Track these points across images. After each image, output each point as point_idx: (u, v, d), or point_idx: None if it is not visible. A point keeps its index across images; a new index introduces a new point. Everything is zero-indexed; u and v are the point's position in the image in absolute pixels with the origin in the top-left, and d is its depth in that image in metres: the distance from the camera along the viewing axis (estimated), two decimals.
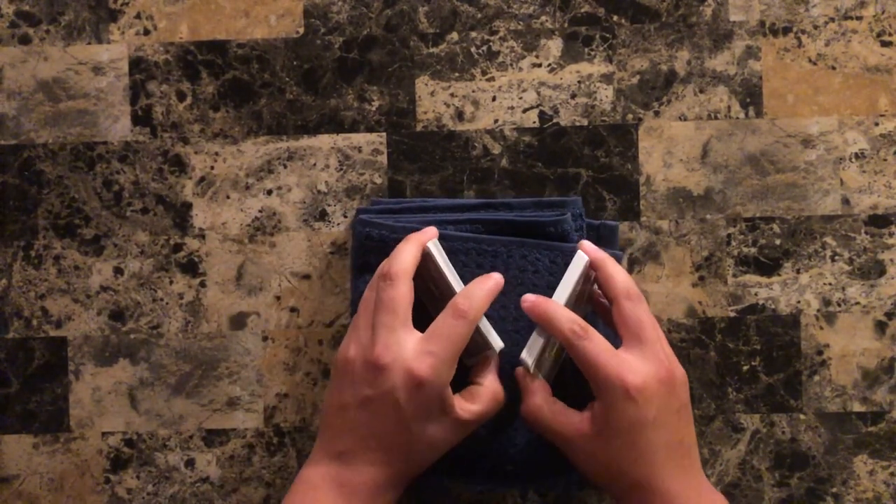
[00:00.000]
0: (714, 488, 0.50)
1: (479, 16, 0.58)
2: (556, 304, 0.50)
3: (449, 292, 0.50)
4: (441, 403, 0.47)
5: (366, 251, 0.54)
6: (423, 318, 0.49)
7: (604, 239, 0.55)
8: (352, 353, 0.48)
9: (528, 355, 0.50)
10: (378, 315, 0.48)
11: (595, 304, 0.53)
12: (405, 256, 0.49)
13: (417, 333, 0.48)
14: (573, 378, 0.52)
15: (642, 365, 0.47)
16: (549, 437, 0.50)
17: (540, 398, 0.50)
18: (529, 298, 0.50)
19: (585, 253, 0.51)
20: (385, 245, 0.53)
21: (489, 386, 0.50)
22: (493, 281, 0.50)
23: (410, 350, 0.47)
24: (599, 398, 0.48)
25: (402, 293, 0.48)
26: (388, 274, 0.48)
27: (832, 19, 0.57)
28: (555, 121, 0.58)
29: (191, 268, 0.58)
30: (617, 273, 0.50)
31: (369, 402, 0.47)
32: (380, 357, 0.47)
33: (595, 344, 0.48)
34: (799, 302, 0.57)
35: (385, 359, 0.47)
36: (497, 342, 0.51)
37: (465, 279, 0.54)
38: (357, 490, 0.47)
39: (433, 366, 0.47)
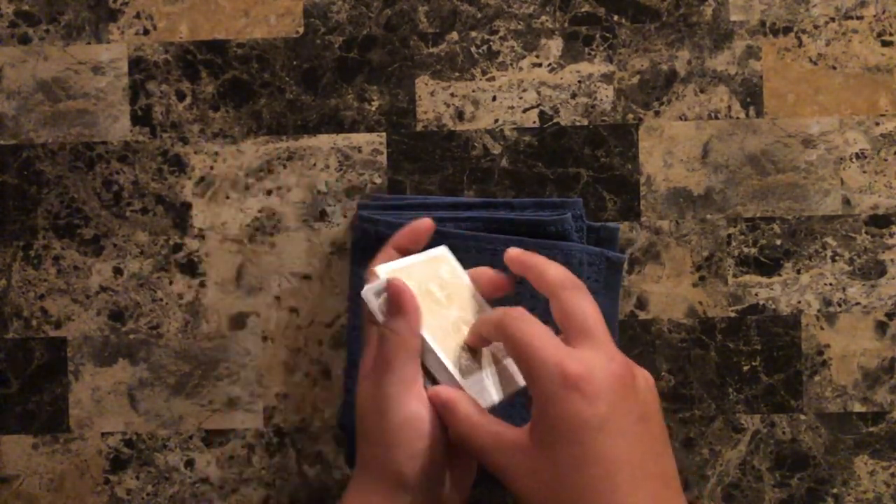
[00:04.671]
0: None
1: (479, 15, 0.58)
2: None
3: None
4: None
5: (363, 247, 0.54)
6: None
7: (604, 241, 0.55)
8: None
9: (443, 354, 0.42)
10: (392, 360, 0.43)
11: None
12: (399, 284, 0.43)
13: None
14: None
15: (590, 355, 0.38)
16: (482, 459, 0.40)
17: (464, 410, 0.41)
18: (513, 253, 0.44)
19: (510, 256, 0.44)
20: (381, 241, 0.53)
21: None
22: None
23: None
24: (535, 394, 0.38)
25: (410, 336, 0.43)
26: (397, 309, 0.43)
27: (833, 19, 0.57)
28: (555, 121, 0.58)
29: (190, 268, 0.58)
30: (548, 266, 0.43)
31: None
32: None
33: (533, 326, 0.40)
34: (799, 302, 0.57)
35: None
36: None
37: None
38: None
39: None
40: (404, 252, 0.47)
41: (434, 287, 0.44)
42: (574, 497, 0.36)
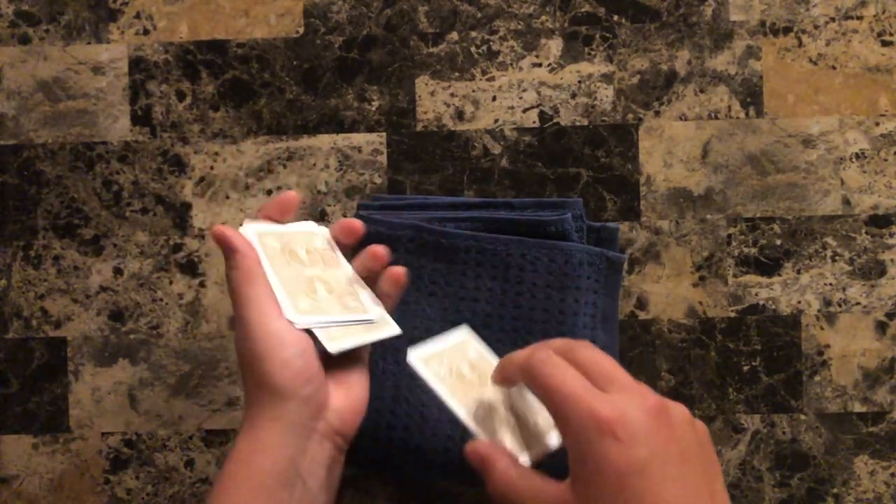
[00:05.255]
0: None
1: (479, 15, 0.58)
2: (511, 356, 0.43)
3: None
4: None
5: (362, 247, 0.54)
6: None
7: (604, 241, 0.55)
8: None
9: (469, 417, 0.43)
10: None
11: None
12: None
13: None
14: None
15: (620, 398, 0.37)
16: None
17: (503, 465, 0.40)
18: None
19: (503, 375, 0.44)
20: (381, 241, 0.53)
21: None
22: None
23: None
24: (569, 443, 0.37)
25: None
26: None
27: (833, 19, 0.57)
28: (555, 121, 0.58)
29: (190, 268, 0.58)
30: (549, 342, 0.42)
31: None
32: None
33: (560, 370, 0.38)
34: (799, 302, 0.57)
35: None
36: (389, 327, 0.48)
37: (466, 277, 0.54)
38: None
39: None
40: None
41: (465, 369, 0.46)
42: None
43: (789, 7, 0.57)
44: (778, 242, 0.57)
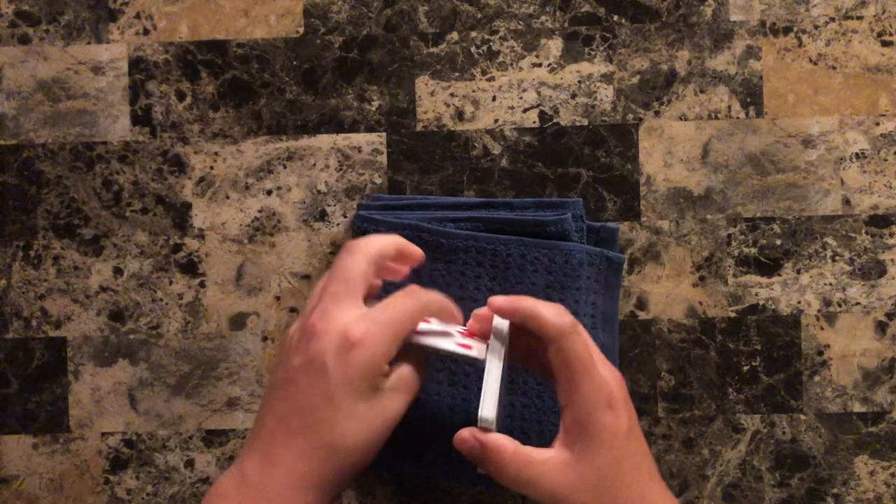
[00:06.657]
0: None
1: (479, 15, 0.58)
2: (533, 299, 0.45)
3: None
4: (373, 377, 0.42)
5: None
6: None
7: (604, 241, 0.55)
8: (293, 327, 0.45)
9: (487, 410, 0.44)
10: (327, 283, 0.44)
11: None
12: (375, 240, 0.46)
13: (364, 307, 0.44)
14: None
15: (606, 370, 0.45)
16: (531, 489, 0.44)
17: (510, 451, 0.44)
18: (497, 301, 0.46)
19: (498, 309, 0.46)
20: None
21: (405, 368, 0.44)
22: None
23: (351, 316, 0.42)
24: (575, 410, 0.44)
25: (358, 264, 0.44)
26: (349, 247, 0.45)
27: (833, 19, 0.57)
28: (555, 121, 0.58)
29: (190, 268, 0.58)
30: (544, 310, 0.45)
31: (296, 371, 0.42)
32: (315, 322, 0.42)
33: (588, 346, 0.45)
34: (799, 302, 0.57)
35: (320, 323, 0.42)
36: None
37: (466, 277, 0.54)
38: (266, 492, 0.41)
39: (370, 330, 0.42)
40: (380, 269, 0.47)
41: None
42: (615, 492, 0.43)
43: (789, 7, 0.57)
44: (778, 242, 0.57)
